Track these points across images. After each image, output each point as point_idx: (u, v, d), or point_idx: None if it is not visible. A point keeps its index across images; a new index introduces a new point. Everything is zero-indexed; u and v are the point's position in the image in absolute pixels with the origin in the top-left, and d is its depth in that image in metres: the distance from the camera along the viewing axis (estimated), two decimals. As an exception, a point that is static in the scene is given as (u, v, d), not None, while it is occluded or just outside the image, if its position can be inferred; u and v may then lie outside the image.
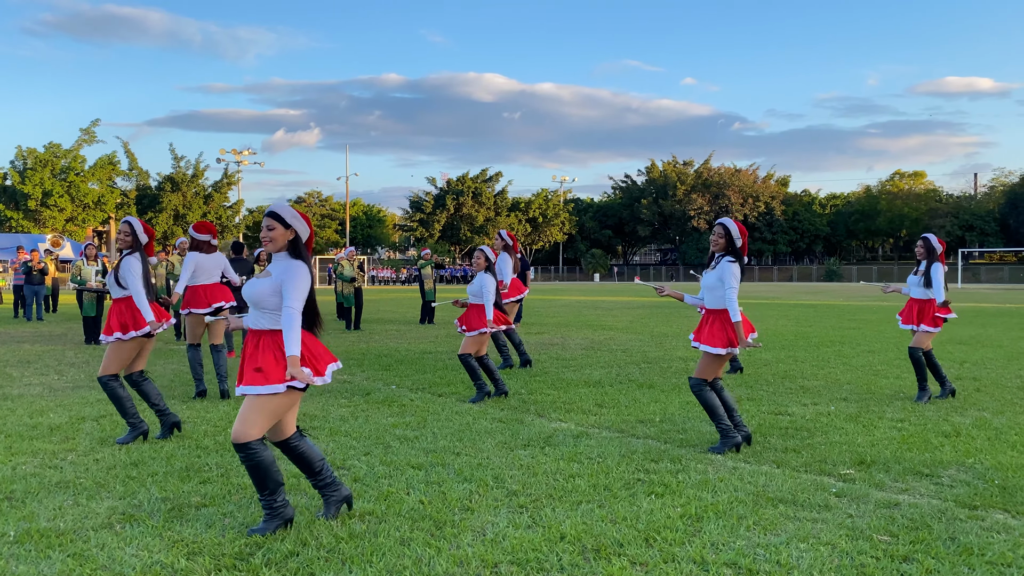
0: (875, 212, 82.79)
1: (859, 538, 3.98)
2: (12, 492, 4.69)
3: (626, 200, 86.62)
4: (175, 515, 4.29)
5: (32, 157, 54.58)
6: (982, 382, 9.15)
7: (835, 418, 7.04)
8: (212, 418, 6.95)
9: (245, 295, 4.03)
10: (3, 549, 3.78)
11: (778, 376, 9.66)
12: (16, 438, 6.12)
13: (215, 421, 6.82)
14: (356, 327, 16.74)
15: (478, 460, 5.51)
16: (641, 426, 6.69)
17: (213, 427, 6.56)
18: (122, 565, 3.58)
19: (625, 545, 3.87)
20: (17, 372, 9.88)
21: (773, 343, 13.69)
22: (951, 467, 5.38)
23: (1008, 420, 6.96)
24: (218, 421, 6.82)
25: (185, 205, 62.28)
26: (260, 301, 3.98)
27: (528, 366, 10.38)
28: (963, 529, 4.11)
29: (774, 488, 4.83)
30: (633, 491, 4.78)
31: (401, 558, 3.69)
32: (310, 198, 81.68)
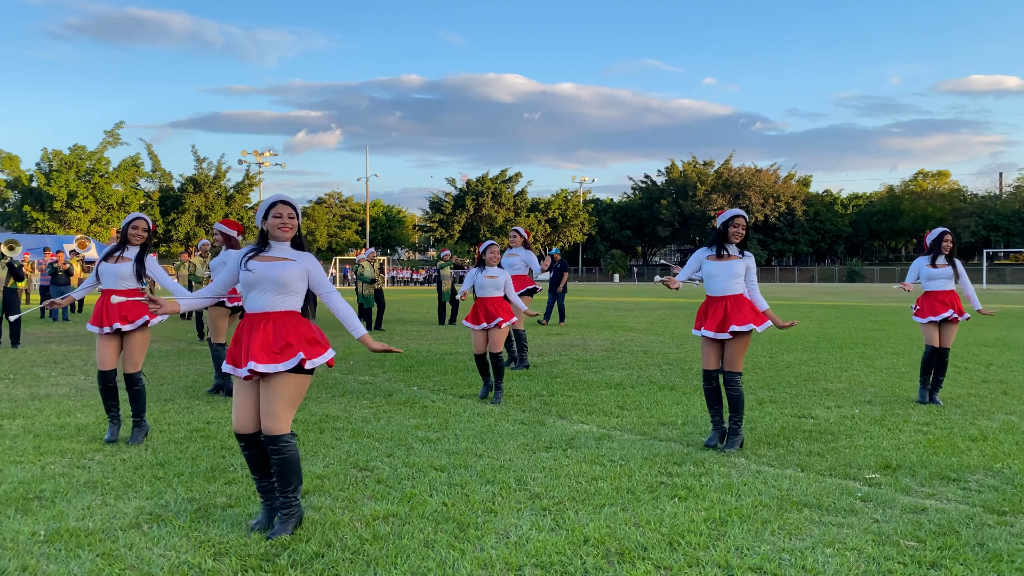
0: (898, 212, 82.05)
1: (885, 543, 3.95)
2: (42, 492, 4.75)
3: (646, 200, 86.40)
4: (201, 515, 4.33)
5: (57, 159, 55.30)
6: (1009, 385, 9.04)
7: (859, 421, 6.99)
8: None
9: (268, 276, 3.95)
10: (34, 548, 3.84)
11: (801, 378, 9.59)
12: (45, 438, 6.20)
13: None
14: (378, 327, 16.81)
15: (500, 462, 5.51)
16: (663, 428, 6.67)
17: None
18: (150, 565, 3.62)
19: (649, 549, 3.86)
20: (44, 372, 10.01)
21: (795, 344, 13.60)
22: (978, 472, 5.32)
23: (1036, 424, 6.88)
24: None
25: (207, 206, 62.83)
26: (290, 284, 4.00)
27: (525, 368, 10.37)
28: (992, 535, 4.07)
29: (799, 492, 4.80)
30: (656, 494, 4.77)
31: (425, 560, 3.70)
32: (330, 199, 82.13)
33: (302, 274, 4.03)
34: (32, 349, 12.67)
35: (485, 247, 8.18)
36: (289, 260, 4.03)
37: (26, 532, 4.04)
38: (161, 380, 9.20)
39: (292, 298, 4.02)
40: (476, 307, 8.05)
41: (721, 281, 5.98)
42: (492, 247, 8.16)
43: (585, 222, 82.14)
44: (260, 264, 4.00)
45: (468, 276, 8.24)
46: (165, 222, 62.09)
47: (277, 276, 3.97)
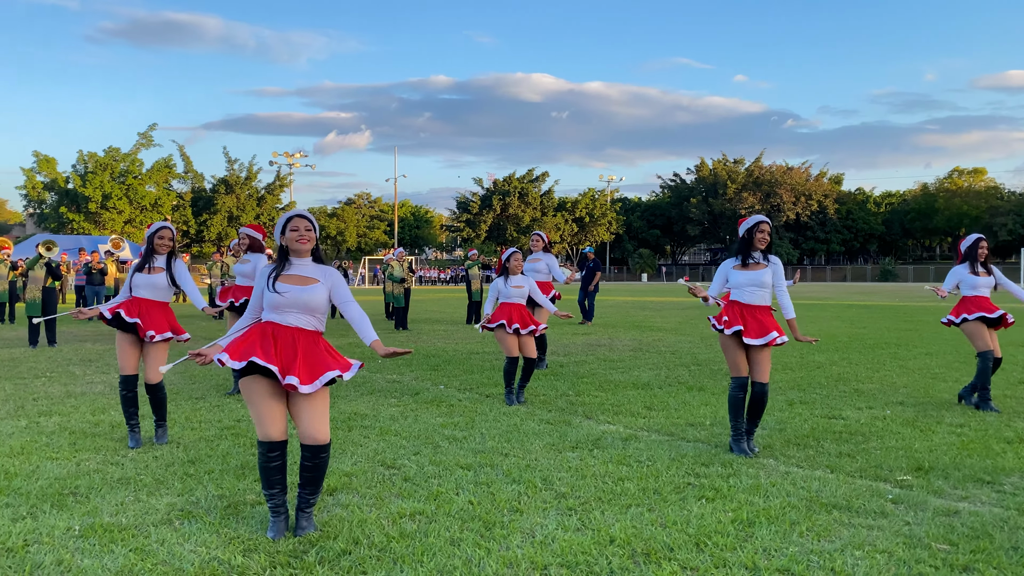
0: (932, 211, 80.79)
1: (917, 546, 3.90)
2: (77, 488, 4.84)
3: (675, 199, 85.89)
4: (231, 512, 4.38)
5: (92, 161, 56.25)
6: (1046, 386, 8.86)
7: (891, 422, 6.90)
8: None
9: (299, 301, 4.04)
10: (68, 543, 3.91)
11: (832, 379, 9.49)
12: (80, 435, 6.31)
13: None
14: (404, 327, 16.89)
15: (526, 461, 5.52)
16: (691, 429, 6.63)
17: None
18: (181, 560, 3.68)
19: (675, 549, 3.85)
20: (80, 370, 10.19)
21: (827, 345, 13.45)
22: (1013, 474, 5.23)
23: (1074, 426, 6.74)
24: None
25: (239, 207, 63.54)
26: (319, 307, 4.12)
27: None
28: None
29: (828, 494, 4.75)
30: (683, 495, 4.74)
31: (451, 558, 3.72)
32: (359, 199, 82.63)
33: (327, 295, 4.15)
34: (68, 348, 12.91)
35: (508, 255, 7.99)
36: (315, 281, 4.10)
37: (61, 527, 4.12)
38: (193, 378, 9.32)
39: (319, 318, 4.15)
40: (507, 312, 7.84)
41: (752, 291, 5.86)
42: (515, 255, 7.98)
43: (613, 221, 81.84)
44: (290, 288, 4.05)
45: (492, 289, 7.97)
46: (197, 223, 62.89)
47: (308, 302, 4.07)
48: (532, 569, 3.62)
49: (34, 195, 56.85)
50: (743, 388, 5.85)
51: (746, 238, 5.94)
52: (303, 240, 4.10)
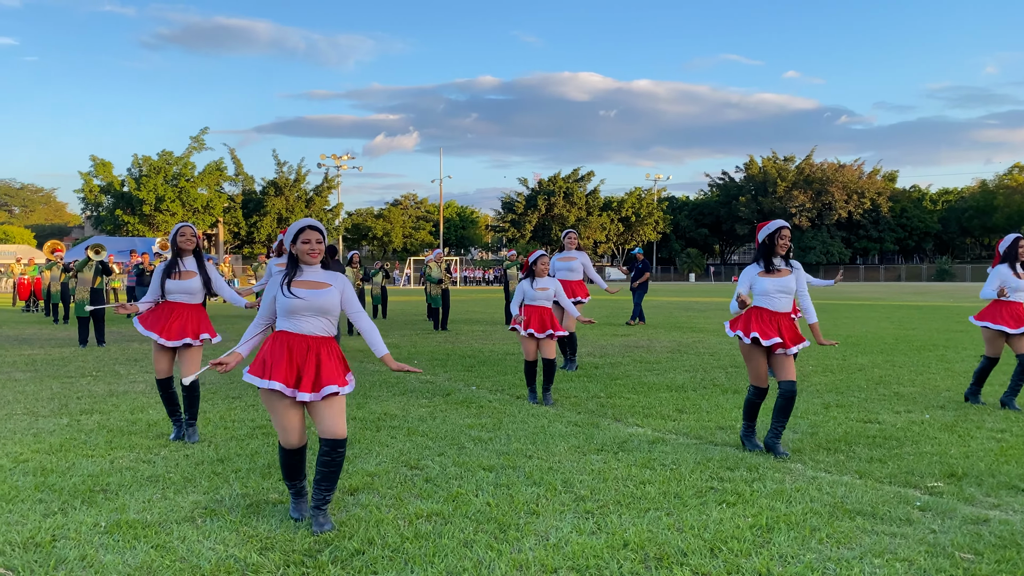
0: (991, 208, 78.42)
1: (939, 555, 3.79)
2: (108, 484, 4.97)
3: (723, 198, 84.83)
4: (253, 511, 4.46)
5: (147, 164, 57.72)
6: (1098, 391, 8.54)
7: (928, 427, 6.72)
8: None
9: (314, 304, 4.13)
10: (93, 538, 4.02)
11: (872, 381, 9.29)
12: (117, 433, 6.48)
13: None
14: (443, 327, 16.99)
15: (549, 464, 5.51)
16: (721, 432, 6.55)
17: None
18: (199, 557, 3.76)
19: (689, 555, 3.81)
20: (124, 370, 10.47)
21: (871, 347, 13.17)
22: (1051, 482, 5.06)
23: (1123, 432, 6.49)
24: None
25: (288, 208, 64.59)
26: (332, 310, 4.22)
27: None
28: (1057, 549, 3.86)
29: (853, 500, 4.66)
30: (704, 499, 4.69)
31: (462, 560, 3.74)
32: (406, 200, 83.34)
33: (339, 298, 4.23)
34: (115, 347, 13.26)
35: (535, 258, 8.00)
36: (328, 286, 4.20)
37: (88, 523, 4.24)
38: (230, 377, 9.51)
39: (332, 322, 4.25)
40: (527, 315, 7.88)
41: (780, 298, 5.77)
42: (542, 258, 7.99)
43: (659, 220, 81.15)
44: (305, 291, 4.15)
45: (518, 291, 8.02)
46: (248, 224, 64.12)
47: (322, 304, 4.17)
48: (542, 572, 3.61)
49: (91, 198, 58.57)
50: (763, 396, 5.86)
51: (767, 244, 5.81)
52: (313, 254, 4.20)
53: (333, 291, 4.18)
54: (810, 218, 78.84)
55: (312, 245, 4.19)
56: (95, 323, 13.61)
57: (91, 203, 59.10)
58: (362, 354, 12.19)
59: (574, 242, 10.48)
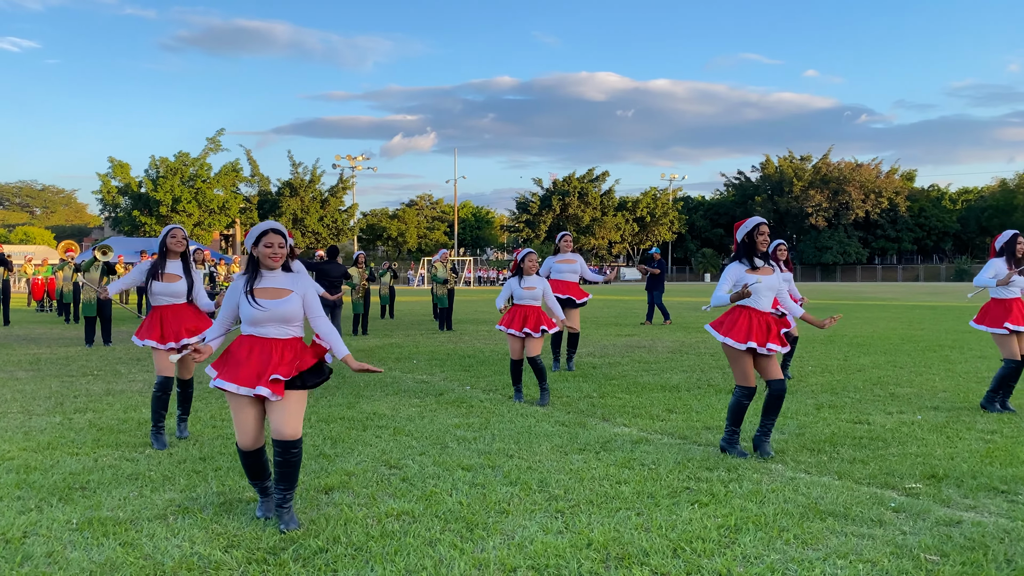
0: (1011, 207, 77.46)
1: (904, 557, 3.76)
2: (87, 482, 5.03)
3: (739, 197, 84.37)
4: (225, 508, 4.50)
5: (164, 166, 58.19)
6: (1098, 392, 8.44)
7: (918, 428, 6.66)
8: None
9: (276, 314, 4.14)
10: (63, 535, 4.07)
11: (869, 382, 9.21)
12: (106, 431, 6.55)
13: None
14: (448, 327, 17.02)
15: (529, 463, 5.51)
16: (707, 432, 6.53)
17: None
18: (163, 555, 3.79)
19: (651, 554, 3.80)
20: (125, 369, 10.57)
21: (875, 347, 13.06)
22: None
23: (1116, 434, 6.40)
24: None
25: (303, 209, 64.90)
26: (295, 318, 4.22)
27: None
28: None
29: (828, 501, 4.63)
30: (677, 500, 4.68)
31: (423, 558, 3.75)
32: (421, 201, 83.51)
33: (300, 304, 4.21)
34: (121, 346, 13.39)
35: (523, 256, 7.98)
36: (289, 293, 4.18)
37: (61, 520, 4.29)
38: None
39: (297, 326, 4.26)
40: (515, 314, 7.91)
41: (768, 296, 5.69)
42: (531, 255, 7.98)
43: (675, 220, 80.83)
44: (267, 302, 4.14)
45: (506, 287, 8.08)
46: (263, 225, 64.46)
47: (284, 314, 4.17)
48: (500, 571, 3.62)
49: (108, 199, 59.10)
50: (752, 396, 5.76)
51: (747, 242, 5.70)
52: (275, 258, 4.17)
53: (294, 298, 4.17)
54: (827, 218, 78.26)
55: (275, 249, 4.16)
56: (102, 323, 13.74)
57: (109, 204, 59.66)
58: (361, 354, 12.24)
59: (570, 244, 10.46)
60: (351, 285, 16.05)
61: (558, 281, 10.09)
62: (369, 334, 15.93)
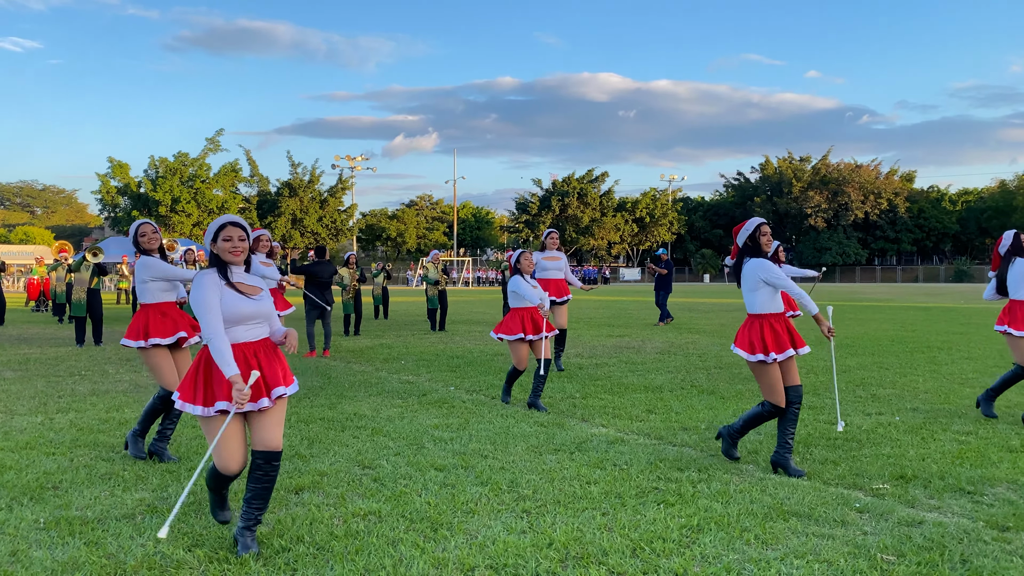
0: (1010, 208, 77.40)
1: (861, 557, 3.79)
2: (60, 482, 5.06)
3: (738, 198, 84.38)
4: (194, 508, 4.53)
5: (163, 166, 58.30)
6: (1079, 393, 8.45)
7: (894, 429, 6.69)
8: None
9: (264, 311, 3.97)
10: (30, 535, 4.10)
11: (853, 383, 9.24)
12: (86, 431, 6.58)
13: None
14: (441, 328, 17.05)
15: (502, 464, 5.54)
16: (683, 433, 6.55)
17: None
18: (126, 554, 3.83)
19: (610, 554, 3.83)
20: (113, 369, 10.60)
21: (865, 348, 13.09)
22: (1000, 484, 5.03)
23: (1090, 435, 6.43)
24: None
25: (302, 209, 64.99)
26: (272, 313, 4.05)
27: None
28: (981, 551, 3.85)
29: (794, 501, 4.65)
30: (644, 500, 4.71)
31: (383, 558, 3.78)
32: (421, 201, 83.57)
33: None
34: (112, 347, 13.43)
35: (518, 256, 7.76)
36: (260, 290, 4.00)
37: (29, 519, 4.32)
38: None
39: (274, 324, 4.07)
40: (520, 318, 7.65)
41: (779, 299, 5.42)
42: (525, 254, 7.78)
43: (674, 221, 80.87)
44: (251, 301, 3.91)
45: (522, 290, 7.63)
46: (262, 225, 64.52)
47: (269, 311, 3.99)
48: (458, 570, 3.65)
49: (108, 199, 59.22)
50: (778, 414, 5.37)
51: (750, 244, 5.47)
52: (236, 252, 3.90)
53: (265, 294, 4.05)
54: (826, 219, 78.23)
55: (235, 243, 3.88)
56: (93, 323, 13.78)
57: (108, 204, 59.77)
58: (351, 355, 12.28)
59: (556, 242, 10.52)
60: (341, 286, 16.08)
61: (544, 279, 10.14)
62: (361, 334, 15.96)
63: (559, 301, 10.19)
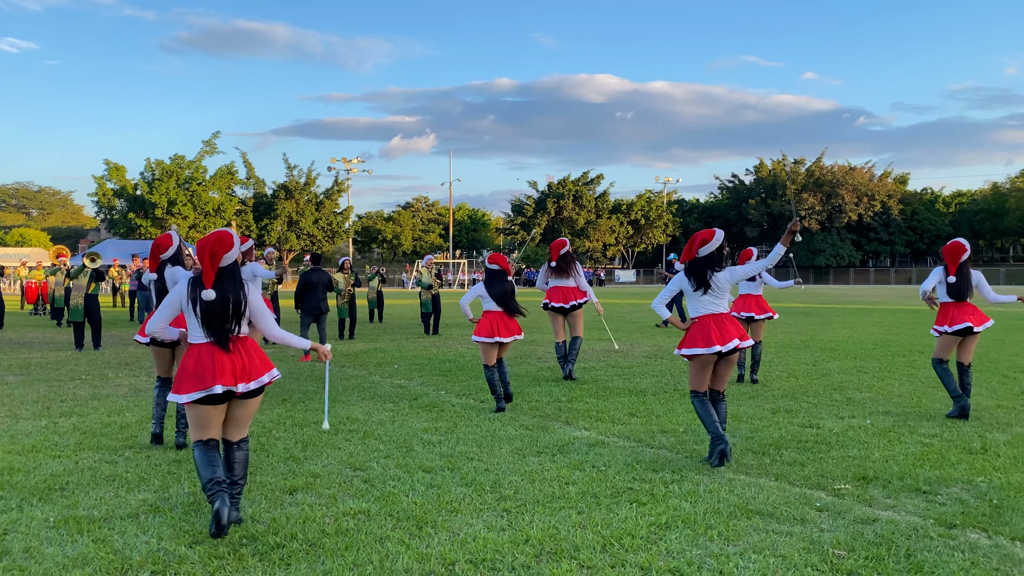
0: (1002, 211, 77.94)
1: (814, 552, 4.09)
2: (67, 483, 5.34)
3: (733, 200, 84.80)
4: (194, 508, 4.81)
5: (159, 168, 58.49)
6: (1047, 397, 8.77)
7: (863, 432, 6.99)
8: (264, 420, 7.53)
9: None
10: (41, 532, 4.39)
11: (830, 387, 9.54)
12: (89, 435, 6.86)
13: (264, 423, 7.39)
14: (434, 332, 17.33)
15: (487, 466, 5.83)
16: (662, 436, 6.85)
17: (261, 428, 7.13)
18: (132, 550, 4.11)
19: (581, 549, 4.12)
20: (112, 373, 10.87)
21: (847, 352, 13.40)
22: (955, 485, 5.33)
23: (1049, 438, 6.74)
24: (267, 423, 7.38)
25: (298, 212, 65.19)
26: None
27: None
28: (926, 547, 4.15)
29: (759, 500, 4.95)
30: (618, 499, 5.00)
31: (371, 553, 4.07)
32: (417, 203, 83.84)
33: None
34: (111, 351, 13.69)
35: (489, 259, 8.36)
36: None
37: (40, 519, 4.61)
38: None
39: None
40: (493, 321, 8.07)
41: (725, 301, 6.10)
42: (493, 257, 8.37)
43: (669, 223, 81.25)
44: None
45: (471, 292, 8.43)
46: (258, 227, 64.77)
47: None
48: (440, 564, 3.94)
49: (104, 202, 59.40)
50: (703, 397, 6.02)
51: (716, 256, 5.99)
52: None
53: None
54: (820, 221, 78.65)
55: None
56: (92, 327, 14.04)
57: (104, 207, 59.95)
58: (345, 359, 12.56)
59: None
60: (336, 291, 16.36)
61: (557, 288, 10.28)
62: (356, 338, 16.23)
63: (568, 307, 10.19)
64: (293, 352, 13.10)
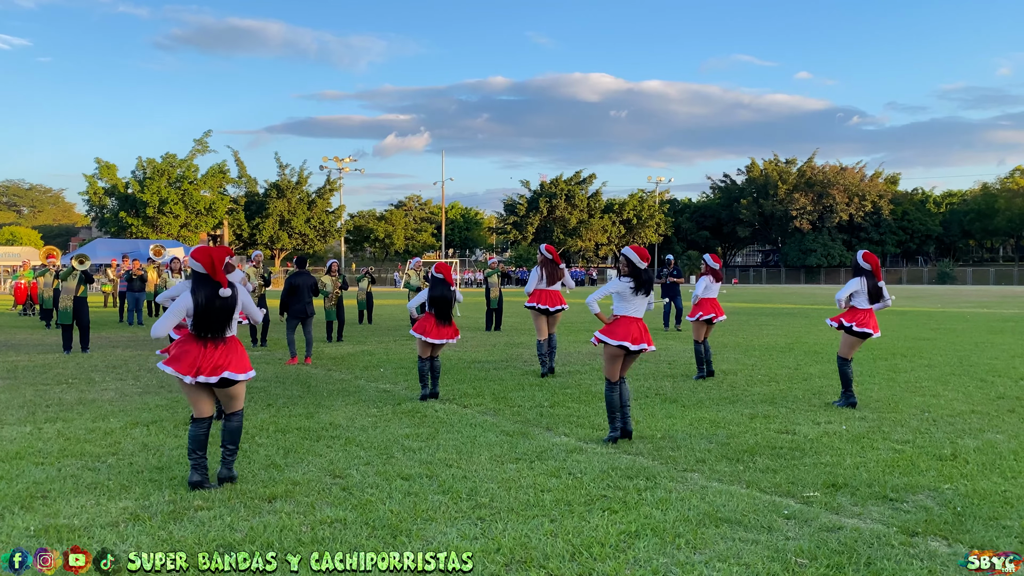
0: (992, 211, 78.41)
1: (777, 560, 4.20)
2: (49, 491, 5.41)
3: (724, 200, 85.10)
4: (174, 516, 4.89)
5: (151, 167, 58.40)
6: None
7: (838, 438, 7.10)
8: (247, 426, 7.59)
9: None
10: (21, 541, 4.47)
11: (810, 392, 9.67)
12: (73, 441, 6.93)
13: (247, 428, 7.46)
14: (423, 334, 17.40)
15: (465, 473, 5.92)
16: (639, 442, 6.95)
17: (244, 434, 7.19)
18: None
19: (550, 558, 4.22)
20: (99, 376, 10.93)
21: (830, 355, 13.52)
22: (922, 492, 5.45)
23: (1019, 444, 6.87)
24: (251, 429, 7.46)
25: (290, 211, 65.17)
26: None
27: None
28: (887, 555, 4.26)
29: (729, 508, 5.05)
30: (591, 507, 5.10)
31: (342, 562, 4.15)
32: (410, 202, 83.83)
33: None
34: (99, 353, 13.74)
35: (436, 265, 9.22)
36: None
37: (20, 527, 4.69)
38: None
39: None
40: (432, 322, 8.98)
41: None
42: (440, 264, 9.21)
43: (661, 223, 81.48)
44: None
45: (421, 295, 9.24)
46: (250, 226, 64.73)
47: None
48: (410, 574, 4.03)
49: (95, 200, 59.27)
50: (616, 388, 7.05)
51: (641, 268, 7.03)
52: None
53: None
54: (811, 221, 78.98)
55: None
56: (80, 329, 14.08)
57: (95, 205, 59.83)
58: (332, 362, 12.63)
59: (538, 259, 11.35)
60: (324, 293, 16.41)
61: (543, 291, 11.20)
62: (344, 340, 16.30)
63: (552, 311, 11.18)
64: (280, 355, 13.17)
